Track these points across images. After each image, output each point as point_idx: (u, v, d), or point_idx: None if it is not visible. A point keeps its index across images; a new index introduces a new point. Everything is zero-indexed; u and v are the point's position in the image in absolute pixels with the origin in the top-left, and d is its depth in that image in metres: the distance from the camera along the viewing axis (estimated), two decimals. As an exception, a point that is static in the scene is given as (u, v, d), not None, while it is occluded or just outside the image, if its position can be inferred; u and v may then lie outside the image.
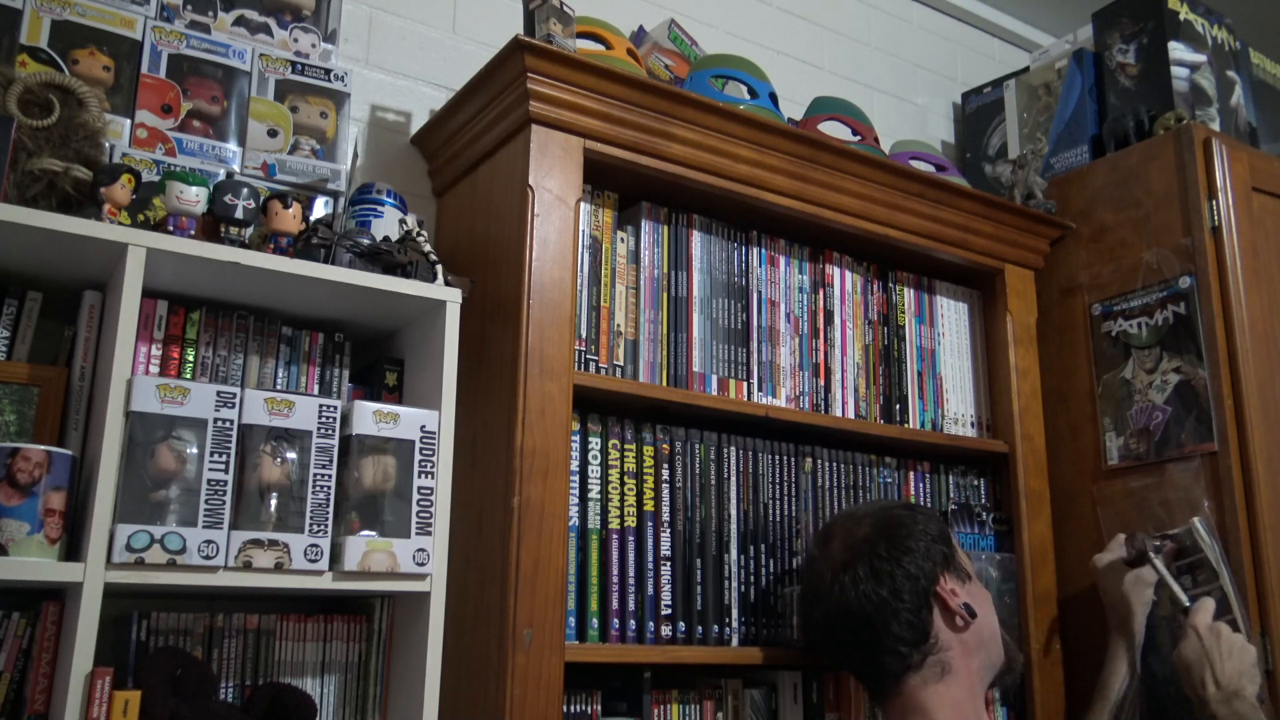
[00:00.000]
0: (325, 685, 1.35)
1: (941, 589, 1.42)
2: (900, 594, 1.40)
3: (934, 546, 1.44)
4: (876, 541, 1.44)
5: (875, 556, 1.43)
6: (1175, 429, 1.81)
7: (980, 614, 1.44)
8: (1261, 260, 1.87)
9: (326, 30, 1.59)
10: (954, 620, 1.42)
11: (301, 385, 1.41)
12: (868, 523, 1.48)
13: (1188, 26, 2.09)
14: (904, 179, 1.83)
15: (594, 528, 1.48)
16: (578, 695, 1.42)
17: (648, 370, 1.59)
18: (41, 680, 1.17)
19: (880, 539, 1.45)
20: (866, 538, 1.46)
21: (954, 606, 1.42)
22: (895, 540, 1.44)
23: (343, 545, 1.26)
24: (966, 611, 1.42)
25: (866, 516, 1.50)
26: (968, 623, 1.42)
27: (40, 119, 1.24)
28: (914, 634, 1.39)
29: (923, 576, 1.42)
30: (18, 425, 1.24)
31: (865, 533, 1.47)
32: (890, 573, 1.41)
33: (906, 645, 1.39)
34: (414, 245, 1.41)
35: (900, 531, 1.45)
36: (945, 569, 1.44)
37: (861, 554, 1.44)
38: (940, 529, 1.48)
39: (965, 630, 1.42)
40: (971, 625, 1.43)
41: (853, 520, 1.51)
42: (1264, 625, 1.68)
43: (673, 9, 2.15)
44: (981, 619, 1.45)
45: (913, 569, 1.41)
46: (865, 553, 1.44)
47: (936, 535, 1.46)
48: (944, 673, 1.40)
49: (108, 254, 1.22)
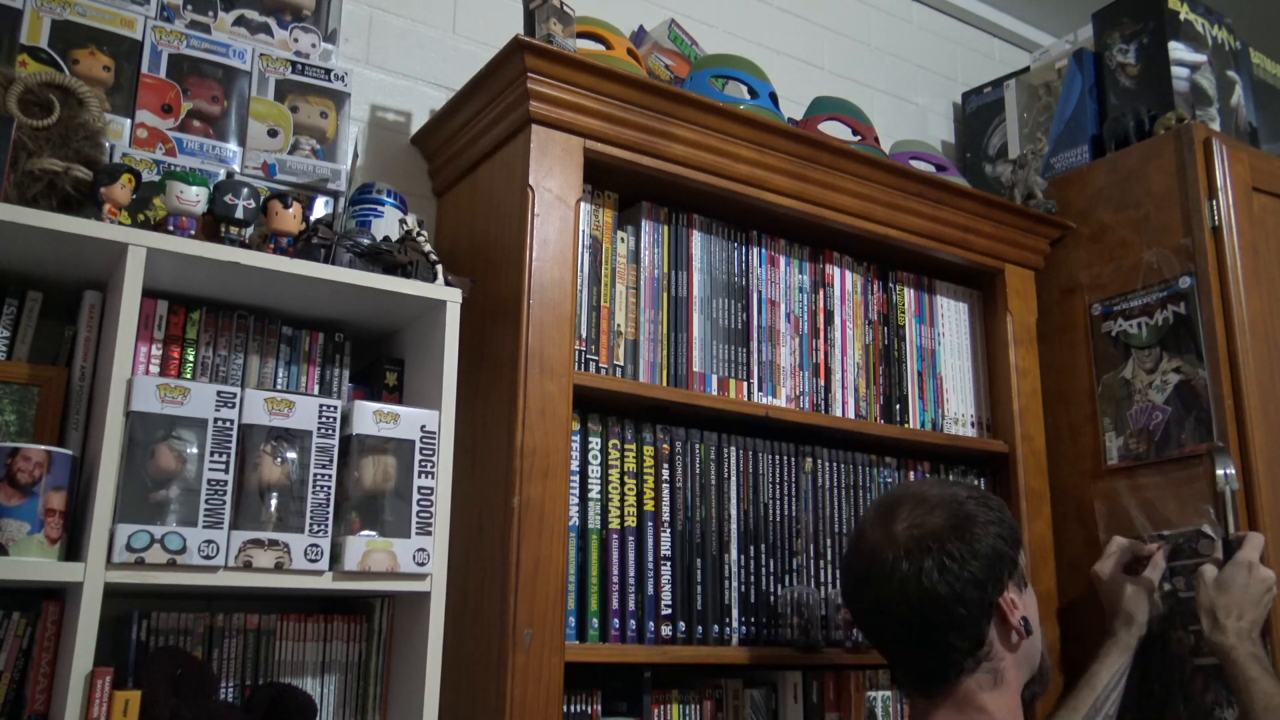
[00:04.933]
0: (325, 685, 1.35)
1: (1004, 601, 1.33)
2: (964, 599, 1.30)
3: (1005, 550, 1.35)
4: (948, 537, 1.33)
5: (946, 555, 1.31)
6: (1175, 429, 1.81)
7: (1033, 629, 1.37)
8: (1261, 260, 1.87)
9: (326, 30, 1.59)
10: (1009, 636, 1.34)
11: (301, 385, 1.41)
12: (940, 512, 1.36)
13: (1188, 26, 2.09)
14: (904, 179, 1.83)
15: (594, 528, 1.48)
16: (578, 695, 1.42)
17: (648, 370, 1.59)
18: (41, 680, 1.17)
19: (952, 535, 1.33)
20: (938, 531, 1.34)
21: (1013, 622, 1.33)
22: (969, 539, 1.33)
23: (343, 545, 1.26)
24: (1024, 627, 1.34)
25: (939, 505, 1.37)
26: (1023, 638, 1.34)
27: (40, 119, 1.24)
28: (968, 641, 1.31)
29: (990, 583, 1.32)
30: (18, 425, 1.24)
31: (938, 524, 1.34)
32: (958, 574, 1.30)
33: (959, 651, 1.31)
34: (414, 245, 1.41)
35: (974, 529, 1.34)
36: (1010, 576, 1.35)
37: (931, 547, 1.32)
38: (1011, 527, 1.38)
39: (1018, 647, 1.35)
40: (1025, 642, 1.35)
41: (923, 504, 1.37)
42: (1264, 624, 1.68)
43: (673, 9, 2.15)
44: (1035, 635, 1.38)
45: (980, 574, 1.31)
46: (935, 547, 1.32)
47: (1008, 536, 1.36)
48: (997, 681, 1.32)
49: (108, 254, 1.22)
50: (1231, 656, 1.57)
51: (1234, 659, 1.56)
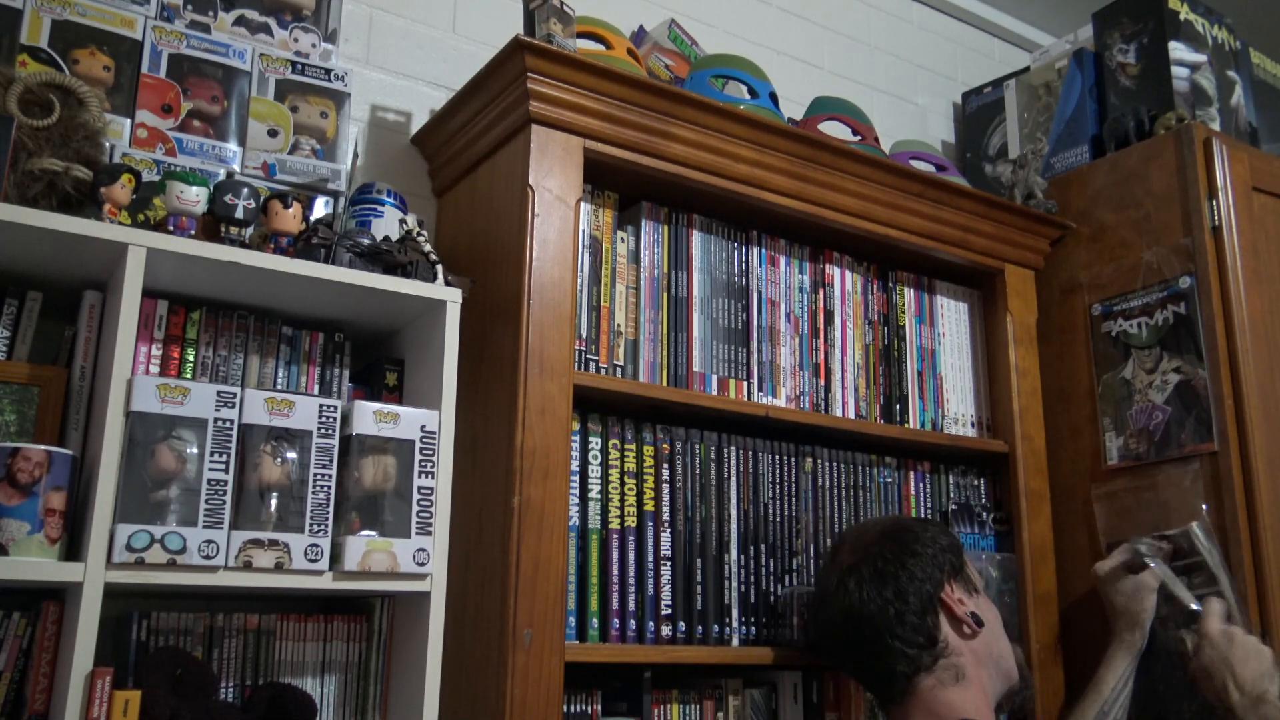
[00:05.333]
0: (325, 685, 1.35)
1: (947, 596, 1.42)
2: (905, 596, 1.40)
3: (942, 555, 1.44)
4: (883, 545, 1.45)
5: (880, 559, 1.43)
6: (1175, 429, 1.81)
7: (988, 624, 1.44)
8: (1261, 260, 1.87)
9: (326, 30, 1.59)
10: (962, 628, 1.41)
11: (301, 385, 1.41)
12: (876, 529, 1.49)
13: (1188, 26, 2.09)
14: (904, 179, 1.83)
15: (594, 528, 1.48)
16: (578, 695, 1.42)
17: (648, 370, 1.59)
18: (41, 680, 1.17)
19: (886, 543, 1.45)
20: (874, 542, 1.46)
21: (960, 614, 1.41)
22: (902, 545, 1.44)
23: (343, 545, 1.26)
24: (973, 620, 1.41)
25: (876, 524, 1.51)
26: (975, 631, 1.41)
27: (40, 119, 1.24)
28: (920, 636, 1.39)
29: (928, 581, 1.41)
30: (18, 425, 1.24)
31: (873, 538, 1.47)
32: (895, 575, 1.41)
33: (914, 648, 1.38)
34: (414, 245, 1.41)
35: (907, 537, 1.45)
36: (952, 577, 1.44)
37: (867, 557, 1.44)
38: (951, 541, 1.48)
39: (974, 638, 1.42)
40: (980, 634, 1.42)
41: (863, 529, 1.52)
42: (1265, 625, 1.68)
43: (673, 9, 2.15)
44: (990, 629, 1.44)
45: (918, 573, 1.41)
46: (871, 556, 1.44)
47: (946, 546, 1.46)
48: (959, 677, 1.38)
49: (108, 254, 1.22)
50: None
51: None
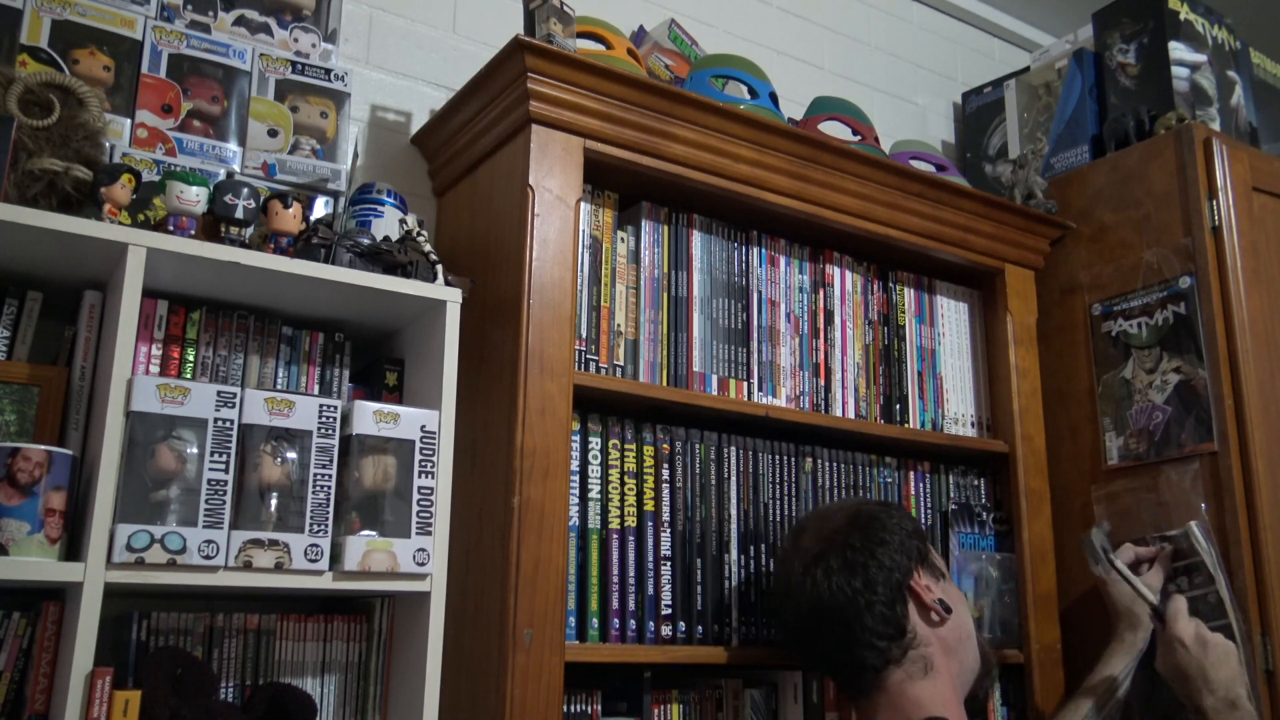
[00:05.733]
0: (325, 685, 1.35)
1: (916, 583, 1.39)
2: (873, 586, 1.37)
3: (909, 541, 1.42)
4: (850, 533, 1.41)
5: (848, 548, 1.39)
6: (1175, 429, 1.81)
7: (955, 611, 1.42)
8: (1261, 260, 1.87)
9: (326, 30, 1.59)
10: (929, 615, 1.39)
11: (301, 385, 1.41)
12: (840, 516, 1.45)
13: (1188, 26, 2.09)
14: (904, 179, 1.83)
15: (594, 528, 1.48)
16: (578, 695, 1.42)
17: (648, 370, 1.59)
18: (41, 680, 1.17)
19: (853, 530, 1.41)
20: (838, 529, 1.42)
21: (928, 601, 1.39)
22: (869, 532, 1.41)
23: (343, 545, 1.26)
24: (941, 607, 1.39)
25: (839, 511, 1.47)
26: (943, 618, 1.39)
27: (40, 119, 1.24)
28: (889, 627, 1.36)
29: (896, 569, 1.38)
30: (18, 425, 1.24)
31: (837, 525, 1.43)
32: (863, 564, 1.37)
33: (883, 639, 1.36)
34: (414, 245, 1.41)
35: (874, 524, 1.42)
36: (920, 564, 1.41)
37: (833, 546, 1.40)
38: (915, 526, 1.46)
39: (942, 626, 1.39)
40: (948, 621, 1.40)
41: (825, 515, 1.48)
42: (1264, 625, 1.68)
43: (673, 9, 2.15)
44: (957, 616, 1.42)
45: (886, 561, 1.38)
46: (838, 544, 1.40)
47: (911, 531, 1.43)
48: (928, 669, 1.36)
49: (108, 254, 1.22)
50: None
51: None
